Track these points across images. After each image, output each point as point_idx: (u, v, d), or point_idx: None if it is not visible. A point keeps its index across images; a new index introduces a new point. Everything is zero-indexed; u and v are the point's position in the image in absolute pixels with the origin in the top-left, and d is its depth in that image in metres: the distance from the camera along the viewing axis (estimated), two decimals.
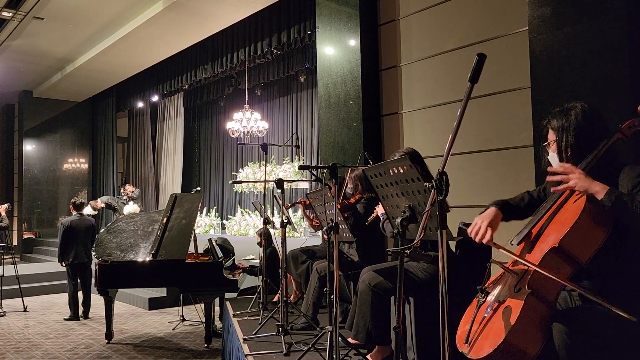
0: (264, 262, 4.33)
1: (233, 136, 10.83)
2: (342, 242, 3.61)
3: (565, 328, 1.60)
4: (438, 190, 1.49)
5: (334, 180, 2.55)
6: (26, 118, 13.80)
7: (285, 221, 3.76)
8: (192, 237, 5.31)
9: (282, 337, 3.22)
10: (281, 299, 3.50)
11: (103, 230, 5.75)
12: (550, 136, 1.99)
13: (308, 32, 7.66)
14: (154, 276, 5.03)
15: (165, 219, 5.27)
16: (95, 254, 5.36)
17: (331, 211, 2.85)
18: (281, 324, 3.31)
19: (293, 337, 3.28)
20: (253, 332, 3.53)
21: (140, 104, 13.88)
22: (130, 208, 10.99)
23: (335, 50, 5.10)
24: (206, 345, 5.06)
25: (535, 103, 3.37)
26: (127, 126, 15.21)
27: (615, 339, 1.64)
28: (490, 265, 1.97)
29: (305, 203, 4.07)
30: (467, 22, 4.13)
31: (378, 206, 2.82)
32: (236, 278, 5.19)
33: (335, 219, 2.60)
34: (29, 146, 13.89)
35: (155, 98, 13.37)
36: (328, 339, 2.59)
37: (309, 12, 7.36)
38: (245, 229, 11.50)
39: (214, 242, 5.60)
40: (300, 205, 4.40)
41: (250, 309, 4.35)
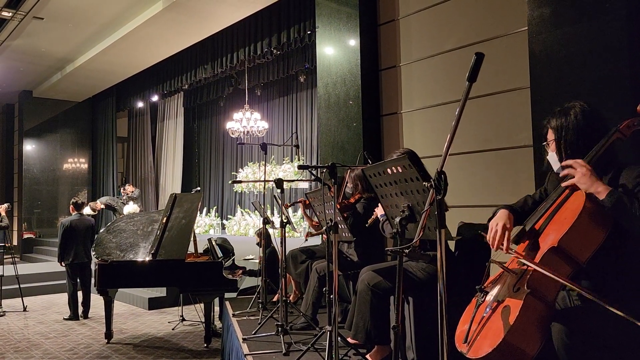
0: (264, 262, 4.33)
1: (233, 136, 10.82)
2: (342, 242, 3.60)
3: (564, 328, 1.60)
4: (437, 189, 1.49)
5: (333, 180, 2.55)
6: (26, 118, 13.80)
7: (284, 221, 3.76)
8: (192, 237, 5.31)
9: (282, 337, 3.22)
10: (281, 299, 3.50)
11: (103, 230, 5.75)
12: (549, 136, 1.99)
13: (308, 32, 7.66)
14: (154, 276, 5.03)
15: (165, 219, 5.27)
16: (94, 254, 5.36)
17: (330, 211, 2.85)
18: (280, 324, 3.31)
19: (292, 337, 3.28)
20: (252, 332, 3.54)
21: (140, 104, 13.88)
22: (130, 208, 10.99)
23: (335, 50, 5.10)
24: (206, 345, 5.06)
25: (534, 103, 3.37)
26: (127, 126, 15.21)
27: (614, 339, 1.64)
28: (489, 264, 1.97)
29: (304, 203, 4.08)
30: (467, 22, 4.13)
31: (377, 207, 2.82)
32: (236, 278, 5.19)
33: (334, 219, 2.60)
34: (29, 146, 13.90)
35: (155, 98, 13.36)
36: (327, 339, 2.59)
37: (309, 12, 7.36)
38: (245, 229, 11.50)
39: (214, 242, 5.60)
40: (300, 205, 4.40)
41: (249, 309, 4.35)
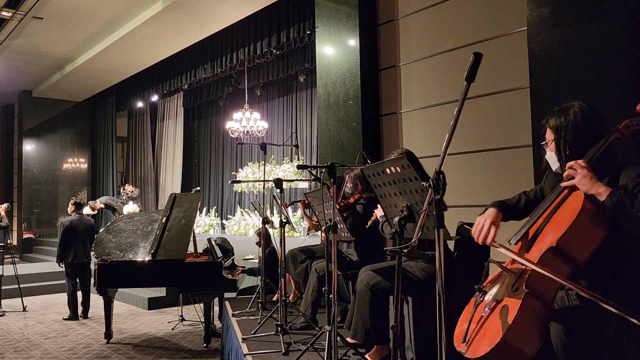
0: (263, 262, 4.34)
1: (233, 136, 10.82)
2: (341, 242, 3.60)
3: (562, 327, 1.61)
4: (435, 189, 1.50)
5: (333, 179, 2.55)
6: (26, 118, 13.80)
7: (284, 221, 3.76)
8: (192, 237, 5.31)
9: (281, 337, 3.22)
10: (280, 299, 3.51)
11: (102, 230, 5.75)
12: (548, 135, 1.99)
13: (307, 32, 7.66)
14: (153, 276, 5.03)
15: (164, 219, 5.27)
16: (94, 254, 5.36)
17: (330, 211, 2.85)
18: (280, 324, 3.32)
19: (292, 337, 3.29)
20: (252, 332, 3.54)
21: (139, 104, 13.88)
22: (129, 208, 10.99)
23: (334, 50, 5.10)
24: (205, 345, 5.06)
25: (534, 103, 3.37)
26: (127, 126, 15.20)
27: (612, 338, 1.64)
28: (488, 264, 1.97)
29: (304, 202, 4.08)
30: (466, 22, 4.13)
31: (377, 209, 2.82)
32: (235, 278, 5.19)
33: (333, 219, 2.60)
34: (29, 146, 13.90)
35: (154, 98, 13.37)
36: (327, 339, 2.60)
37: (309, 12, 7.36)
38: (244, 229, 11.50)
39: (214, 242, 5.60)
40: (299, 204, 4.40)
41: (249, 309, 4.36)
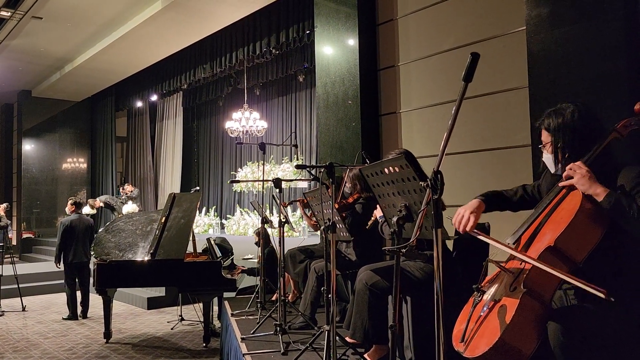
0: (262, 262, 4.34)
1: (232, 136, 10.82)
2: (340, 242, 3.61)
3: (560, 327, 1.61)
4: (433, 189, 1.50)
5: (331, 179, 2.56)
6: (25, 118, 13.80)
7: (283, 220, 3.76)
8: (191, 237, 5.31)
9: (280, 337, 3.22)
10: (279, 299, 3.51)
11: (102, 229, 5.75)
12: (544, 138, 1.98)
13: (307, 32, 7.67)
14: (153, 276, 5.03)
15: (163, 219, 5.27)
16: (93, 254, 5.36)
17: (328, 210, 2.85)
18: (279, 323, 3.32)
19: (291, 337, 3.29)
20: (251, 332, 3.54)
21: (139, 104, 13.88)
22: (129, 208, 10.99)
23: (333, 49, 5.10)
24: (204, 344, 5.07)
25: (532, 102, 3.38)
26: (126, 126, 15.20)
27: (610, 338, 1.65)
28: (486, 264, 1.97)
29: (303, 202, 4.08)
30: (465, 22, 4.13)
31: (376, 209, 2.82)
32: (235, 277, 5.19)
33: (332, 218, 2.61)
34: (28, 146, 13.89)
35: (154, 97, 13.37)
36: (325, 338, 2.60)
37: (308, 12, 7.37)
38: (244, 229, 11.50)
39: (213, 242, 5.60)
40: (299, 204, 4.40)
41: (248, 309, 4.36)
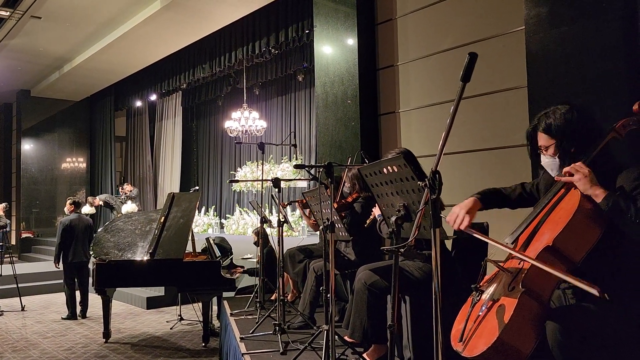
0: (262, 261, 4.34)
1: (231, 135, 10.82)
2: (339, 241, 3.61)
3: (558, 326, 1.61)
4: (431, 189, 1.50)
5: (330, 179, 2.56)
6: (24, 117, 13.78)
7: (282, 220, 3.76)
8: (190, 236, 5.31)
9: (279, 336, 3.22)
10: (278, 298, 3.51)
11: (101, 229, 5.75)
12: (543, 141, 1.96)
13: (306, 32, 7.67)
14: (152, 275, 5.03)
15: (163, 218, 5.27)
16: (92, 253, 5.36)
17: (327, 210, 2.85)
18: (278, 323, 3.32)
19: (290, 336, 3.29)
20: (250, 331, 3.54)
21: (138, 103, 13.87)
22: (128, 207, 10.98)
23: (332, 49, 5.10)
24: (204, 344, 5.06)
25: (531, 102, 3.38)
26: (125, 125, 15.19)
27: (608, 337, 1.65)
28: (485, 263, 1.97)
29: (302, 202, 4.08)
30: (464, 22, 4.13)
31: (375, 207, 2.82)
32: (234, 277, 5.19)
33: (330, 218, 2.61)
34: (27, 145, 13.87)
35: (153, 97, 13.35)
36: (324, 338, 2.60)
37: (307, 12, 7.36)
38: (243, 228, 11.50)
39: (212, 241, 5.60)
40: (298, 204, 4.40)
41: (247, 308, 4.36)
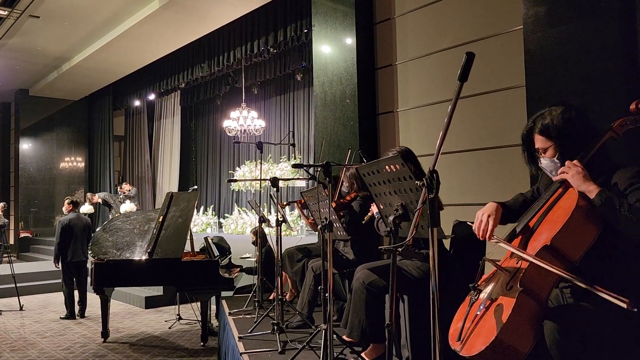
0: (260, 261, 4.34)
1: (230, 135, 10.81)
2: (338, 240, 3.61)
3: (556, 325, 1.61)
4: (429, 188, 1.50)
5: (328, 178, 2.56)
6: (22, 116, 13.76)
7: (280, 219, 3.76)
8: (188, 236, 5.31)
9: (277, 336, 3.23)
10: (276, 298, 3.51)
11: (99, 229, 5.75)
12: (541, 143, 1.94)
13: (304, 31, 7.66)
14: (150, 275, 5.03)
15: (161, 218, 5.27)
16: (91, 253, 5.35)
17: (325, 209, 2.85)
18: (276, 322, 3.32)
19: (288, 335, 3.29)
20: (248, 331, 3.54)
21: (136, 103, 13.85)
22: (127, 207, 10.97)
23: (331, 48, 5.10)
24: (202, 343, 5.06)
25: (530, 101, 3.38)
26: (124, 125, 15.18)
27: (606, 337, 1.65)
28: (483, 262, 1.97)
29: (300, 202, 4.07)
30: (462, 21, 4.13)
31: (373, 205, 2.82)
32: (232, 276, 5.19)
33: (329, 217, 2.61)
34: (25, 145, 13.85)
35: (151, 96, 13.34)
36: (323, 337, 2.60)
37: (305, 11, 7.36)
38: (242, 228, 11.49)
39: (210, 241, 5.60)
40: (296, 205, 4.40)
41: (246, 308, 4.36)
